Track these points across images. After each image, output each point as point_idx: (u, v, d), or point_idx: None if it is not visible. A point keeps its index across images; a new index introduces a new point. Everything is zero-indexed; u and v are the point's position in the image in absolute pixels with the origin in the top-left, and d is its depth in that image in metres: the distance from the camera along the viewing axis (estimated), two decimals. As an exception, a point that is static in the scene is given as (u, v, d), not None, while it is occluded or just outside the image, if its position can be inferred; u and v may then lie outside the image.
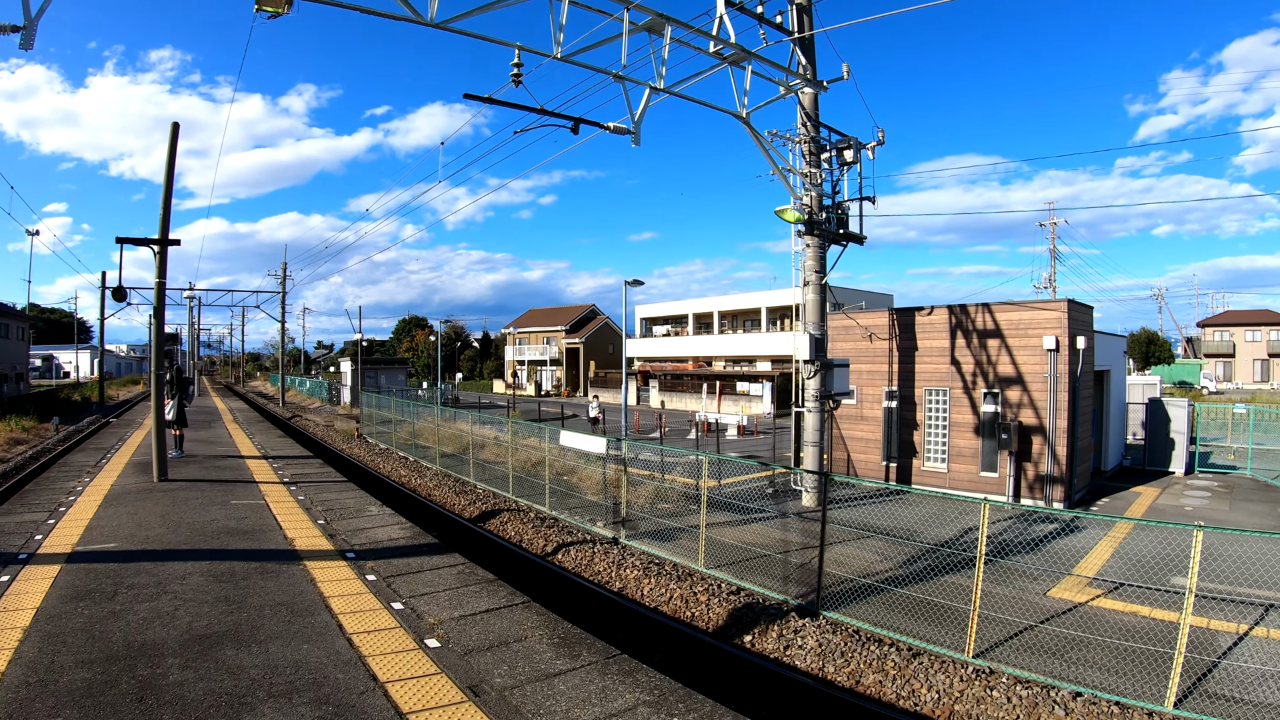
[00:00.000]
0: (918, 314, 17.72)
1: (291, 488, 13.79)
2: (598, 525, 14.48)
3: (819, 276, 16.08)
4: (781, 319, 50.23)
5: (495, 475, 18.97)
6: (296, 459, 17.95)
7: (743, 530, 13.80)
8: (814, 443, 16.08)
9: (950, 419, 17.20)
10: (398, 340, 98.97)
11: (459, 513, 16.65)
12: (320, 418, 41.99)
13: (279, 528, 10.59)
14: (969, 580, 10.84)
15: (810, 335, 15.77)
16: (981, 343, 16.86)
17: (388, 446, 27.14)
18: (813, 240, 16.07)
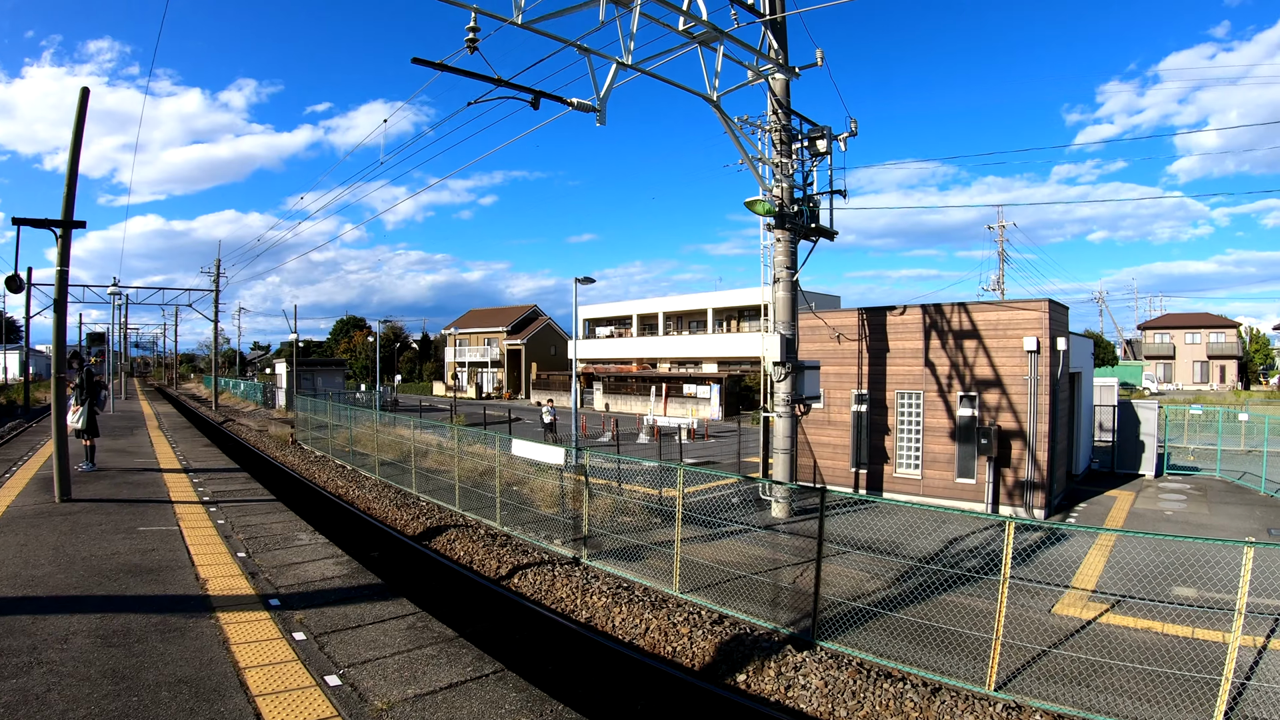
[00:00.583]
0: (889, 314, 16.73)
1: (211, 509, 11.81)
2: (555, 543, 12.99)
3: (790, 273, 14.91)
4: (728, 320, 49.36)
5: (439, 486, 17.28)
6: (221, 472, 15.84)
7: (714, 547, 12.52)
8: (785, 450, 14.90)
9: (924, 423, 16.25)
10: (335, 341, 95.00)
11: (401, 529, 14.95)
12: (254, 422, 39.32)
13: (191, 563, 8.74)
14: (969, 599, 9.93)
15: (781, 335, 14.59)
16: (958, 344, 15.95)
17: (324, 454, 25.00)
18: (784, 234, 14.89)
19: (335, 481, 19.83)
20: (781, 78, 14.96)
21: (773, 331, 14.86)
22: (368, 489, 18.38)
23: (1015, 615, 9.10)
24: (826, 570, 11.43)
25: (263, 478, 19.06)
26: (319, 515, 15.97)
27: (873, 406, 16.75)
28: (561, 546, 12.83)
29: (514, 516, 14.43)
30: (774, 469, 15.16)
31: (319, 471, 21.58)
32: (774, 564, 11.87)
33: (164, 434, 24.10)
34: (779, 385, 14.84)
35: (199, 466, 16.46)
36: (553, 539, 13.17)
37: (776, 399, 14.93)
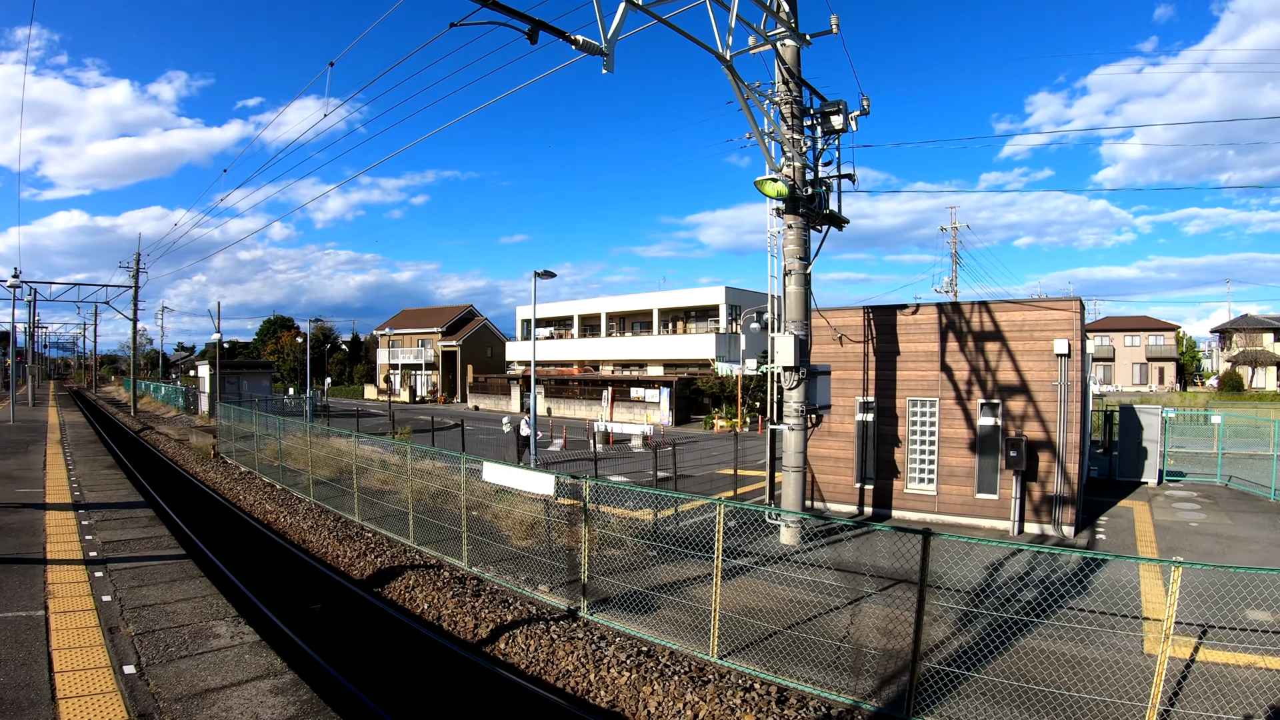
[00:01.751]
0: (900, 313, 14.55)
1: (98, 573, 8.46)
2: (541, 590, 10.22)
3: (803, 264, 12.53)
4: (673, 321, 46.96)
5: (387, 512, 14.27)
6: (121, 508, 12.23)
7: (731, 588, 10.07)
8: (797, 467, 12.51)
9: (940, 434, 14.12)
10: (262, 342, 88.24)
11: (345, 570, 11.89)
12: (174, 430, 34.83)
13: (51, 694, 5.41)
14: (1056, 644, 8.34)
15: (794, 337, 12.17)
16: (978, 346, 13.88)
17: (250, 469, 21.36)
18: (796, 220, 12.50)
19: (263, 505, 16.41)
20: (792, 44, 12.60)
21: (782, 331, 12.42)
22: (301, 514, 15.11)
23: (1111, 660, 7.82)
24: (872, 614, 9.20)
25: (176, 508, 15.59)
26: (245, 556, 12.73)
27: (880, 415, 14.53)
28: (550, 594, 10.08)
29: (480, 552, 11.59)
30: (783, 488, 12.73)
31: (244, 492, 18.04)
32: (810, 609, 9.52)
33: (64, 451, 20.25)
34: (790, 393, 12.43)
35: (95, 499, 13.09)
36: (537, 584, 10.39)
37: (787, 408, 12.53)
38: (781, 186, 11.79)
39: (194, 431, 32.82)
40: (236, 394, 37.82)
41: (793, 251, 12.44)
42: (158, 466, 23.31)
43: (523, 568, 11.02)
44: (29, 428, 27.73)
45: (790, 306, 12.43)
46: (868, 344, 14.59)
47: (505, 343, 59.74)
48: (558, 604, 9.78)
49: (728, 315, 42.33)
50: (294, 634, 8.77)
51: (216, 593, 7.65)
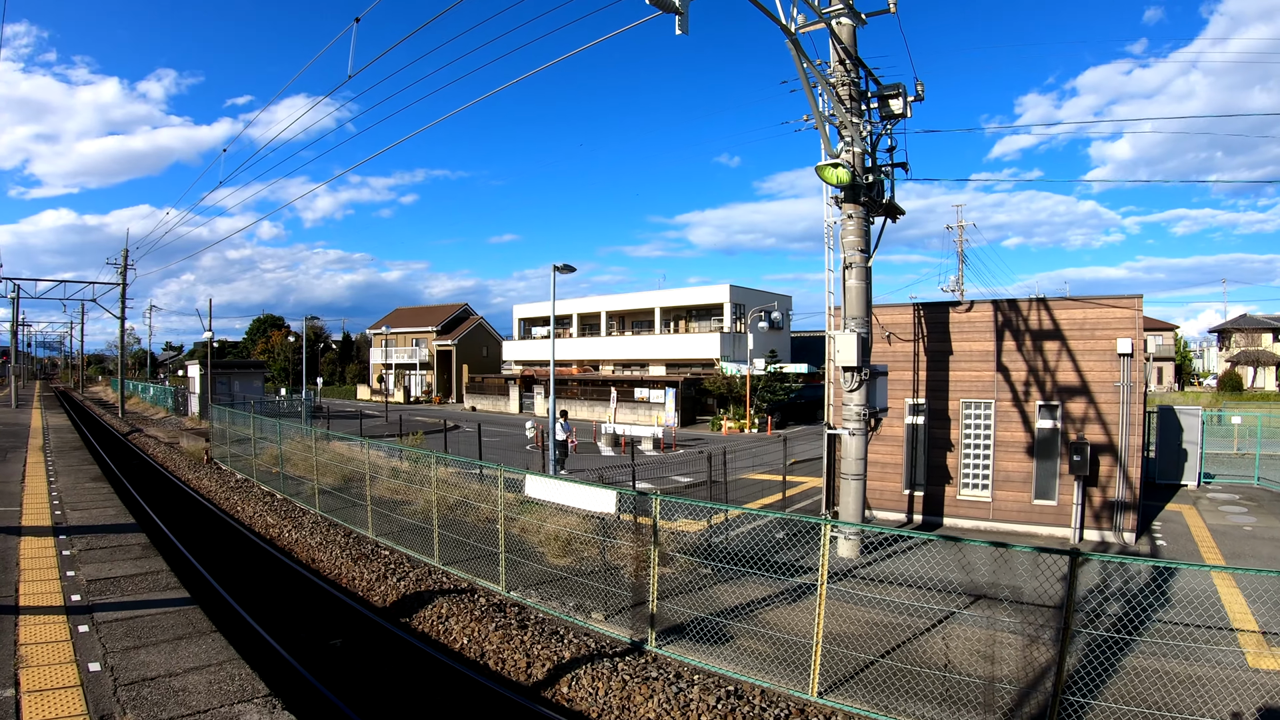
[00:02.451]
0: (952, 310, 13.24)
1: (83, 627, 6.47)
2: (596, 619, 8.73)
3: (864, 257, 11.15)
4: (675, 320, 45.18)
5: (404, 527, 12.75)
6: (109, 532, 10.14)
7: (801, 610, 8.88)
8: (857, 475, 11.15)
9: (996, 437, 12.85)
10: (252, 341, 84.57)
11: (365, 595, 10.29)
12: (163, 433, 32.54)
13: None
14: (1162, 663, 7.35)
15: (857, 335, 10.77)
16: (1036, 346, 12.64)
17: (246, 476, 19.50)
18: (856, 210, 11.12)
19: (264, 518, 14.67)
20: (849, 23, 11.25)
21: (843, 329, 11.02)
22: (307, 529, 13.43)
23: (1220, 678, 6.97)
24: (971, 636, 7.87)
25: (171, 524, 13.73)
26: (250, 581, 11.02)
27: (932, 418, 13.21)
28: (607, 624, 8.59)
29: (518, 574, 9.99)
30: (842, 497, 11.34)
31: (242, 503, 16.25)
32: (895, 632, 8.36)
33: (46, 459, 17.87)
34: (851, 395, 11.05)
35: (79, 520, 10.94)
36: (589, 611, 8.89)
37: (847, 411, 11.16)
38: (844, 173, 10.43)
39: (184, 434, 30.63)
40: (228, 395, 35.57)
41: (853, 243, 11.06)
42: (148, 474, 21.40)
43: (567, 591, 9.53)
44: (9, 432, 25.26)
45: (850, 302, 11.04)
46: (918, 343, 13.26)
47: (501, 342, 57.57)
48: (618, 635, 8.31)
49: (732, 314, 40.72)
50: (322, 685, 7.15)
51: (236, 657, 5.85)
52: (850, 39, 11.27)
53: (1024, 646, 8.00)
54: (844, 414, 11.23)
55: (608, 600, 9.07)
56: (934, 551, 10.97)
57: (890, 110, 11.61)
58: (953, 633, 8.24)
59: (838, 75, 11.18)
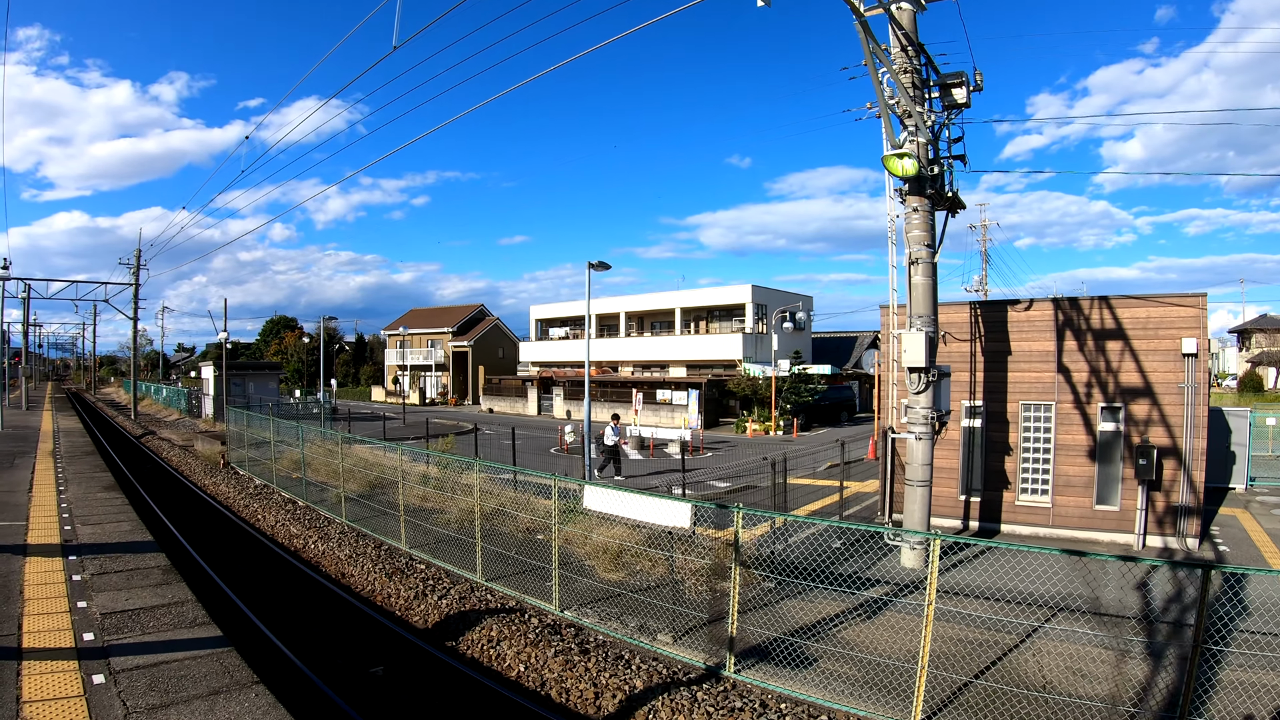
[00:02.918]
0: (1010, 309, 12.34)
1: (98, 677, 5.31)
2: (663, 641, 7.85)
3: (930, 252, 10.28)
4: (695, 321, 43.83)
5: (438, 538, 11.94)
6: (125, 551, 8.98)
7: (879, 626, 8.22)
8: (923, 481, 10.28)
9: (1056, 440, 11.95)
10: (265, 343, 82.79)
11: (403, 615, 9.38)
12: (178, 435, 31.49)
13: None
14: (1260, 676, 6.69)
15: (925, 334, 9.87)
16: (1098, 345, 11.76)
17: (265, 482, 18.59)
18: (921, 203, 10.27)
19: (287, 528, 13.74)
20: (909, 8, 10.42)
21: (909, 328, 10.10)
22: (334, 540, 12.49)
23: None
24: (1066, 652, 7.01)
25: (191, 537, 12.71)
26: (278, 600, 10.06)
27: (989, 421, 12.30)
28: (676, 647, 7.72)
29: (569, 590, 9.04)
30: (906, 504, 10.43)
31: (263, 511, 15.31)
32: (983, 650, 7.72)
33: (56, 465, 16.94)
34: (917, 397, 10.17)
35: (91, 537, 9.78)
36: (654, 633, 7.99)
37: (912, 414, 10.30)
38: (911, 163, 9.58)
39: (199, 437, 29.52)
40: (243, 396, 34.44)
41: (918, 238, 10.17)
42: (163, 480, 20.47)
43: (626, 609, 8.65)
44: (19, 435, 24.21)
45: (917, 299, 10.16)
46: (974, 343, 12.36)
47: (517, 343, 56.24)
48: (689, 659, 7.42)
49: (754, 314, 39.46)
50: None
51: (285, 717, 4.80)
52: (911, 24, 10.41)
53: (1116, 661, 7.33)
54: (909, 417, 10.35)
55: (672, 620, 8.17)
56: (1003, 560, 10.05)
57: (952, 99, 10.78)
58: (1042, 648, 7.55)
59: (899, 62, 10.29)
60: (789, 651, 7.26)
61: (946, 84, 10.74)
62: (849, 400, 38.10)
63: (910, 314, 10.26)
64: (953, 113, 10.85)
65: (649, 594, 9.04)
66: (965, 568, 10.34)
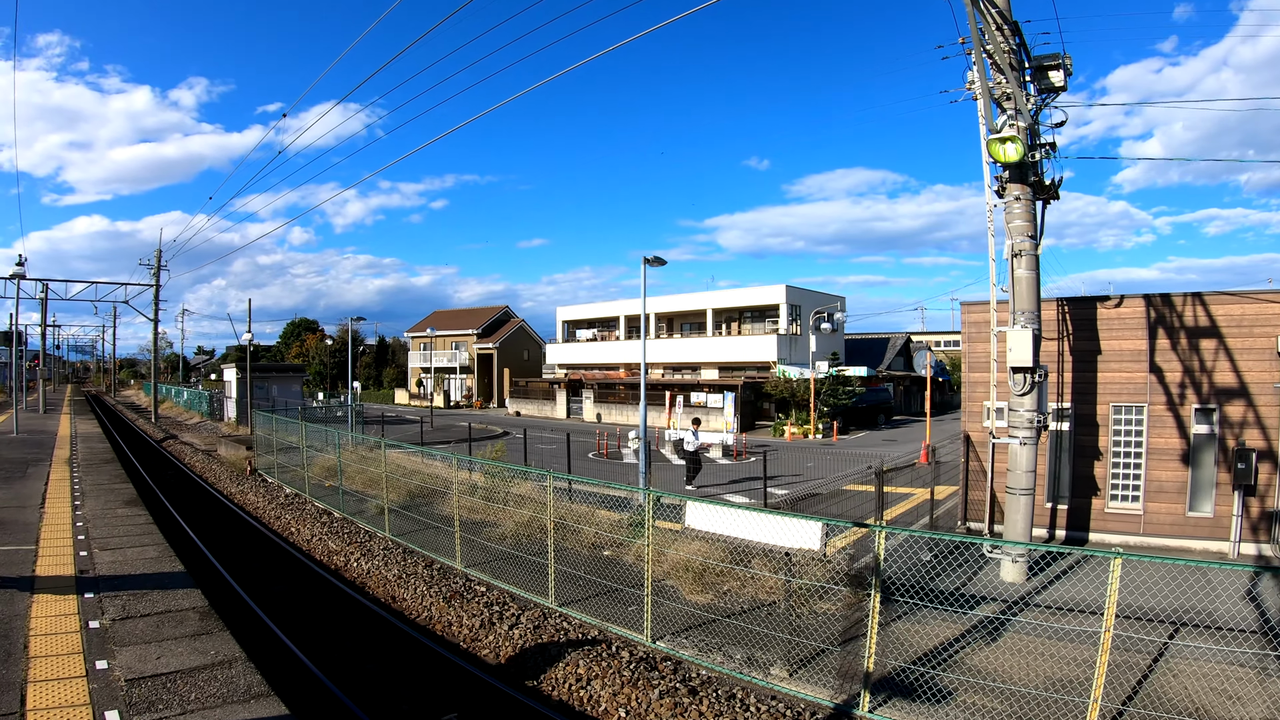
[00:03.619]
0: (1100, 305, 11.22)
1: None
2: (777, 675, 6.82)
3: (1033, 244, 9.12)
4: (727, 322, 42.10)
5: (495, 555, 10.85)
6: (151, 587, 7.35)
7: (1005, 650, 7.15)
8: (1026, 489, 9.20)
9: (1148, 444, 10.80)
10: (285, 345, 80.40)
11: (469, 648, 8.30)
12: (200, 439, 30.11)
13: None
14: None
15: (1032, 332, 8.66)
16: (1192, 344, 10.67)
17: (296, 491, 17.26)
18: (1024, 191, 9.18)
19: (325, 543, 12.56)
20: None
21: (1012, 325, 8.91)
22: (379, 557, 11.29)
23: None
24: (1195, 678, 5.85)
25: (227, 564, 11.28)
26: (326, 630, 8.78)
27: (1078, 424, 11.19)
28: (793, 682, 6.68)
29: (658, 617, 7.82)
30: (1008, 514, 9.27)
31: (296, 523, 14.13)
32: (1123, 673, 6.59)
33: (72, 475, 15.20)
34: (1021, 399, 9.04)
35: (111, 568, 8.10)
36: (767, 666, 6.87)
37: (1015, 418, 9.17)
38: (1015, 149, 8.42)
39: (222, 441, 28.11)
40: (266, 399, 33.07)
41: (1020, 228, 9.04)
42: (187, 489, 19.14)
43: (724, 638, 7.47)
44: (34, 441, 22.22)
45: (1021, 294, 9.04)
46: (1062, 341, 11.20)
47: (542, 345, 54.63)
48: (813, 697, 6.36)
49: (788, 315, 37.83)
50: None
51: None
52: (1005, 3, 9.17)
53: (1259, 681, 6.36)
54: (1012, 420, 9.27)
55: (785, 650, 6.98)
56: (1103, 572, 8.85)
57: (1049, 82, 9.66)
58: (1178, 668, 6.68)
59: (995, 42, 9.09)
60: (920, 684, 6.21)
61: (1042, 66, 9.62)
62: (886, 403, 36.81)
63: (1013, 310, 9.15)
64: (1048, 96, 9.69)
65: (743, 619, 7.88)
66: (1070, 580, 9.27)
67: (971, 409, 11.77)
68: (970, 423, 11.75)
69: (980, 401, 11.60)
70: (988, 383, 11.16)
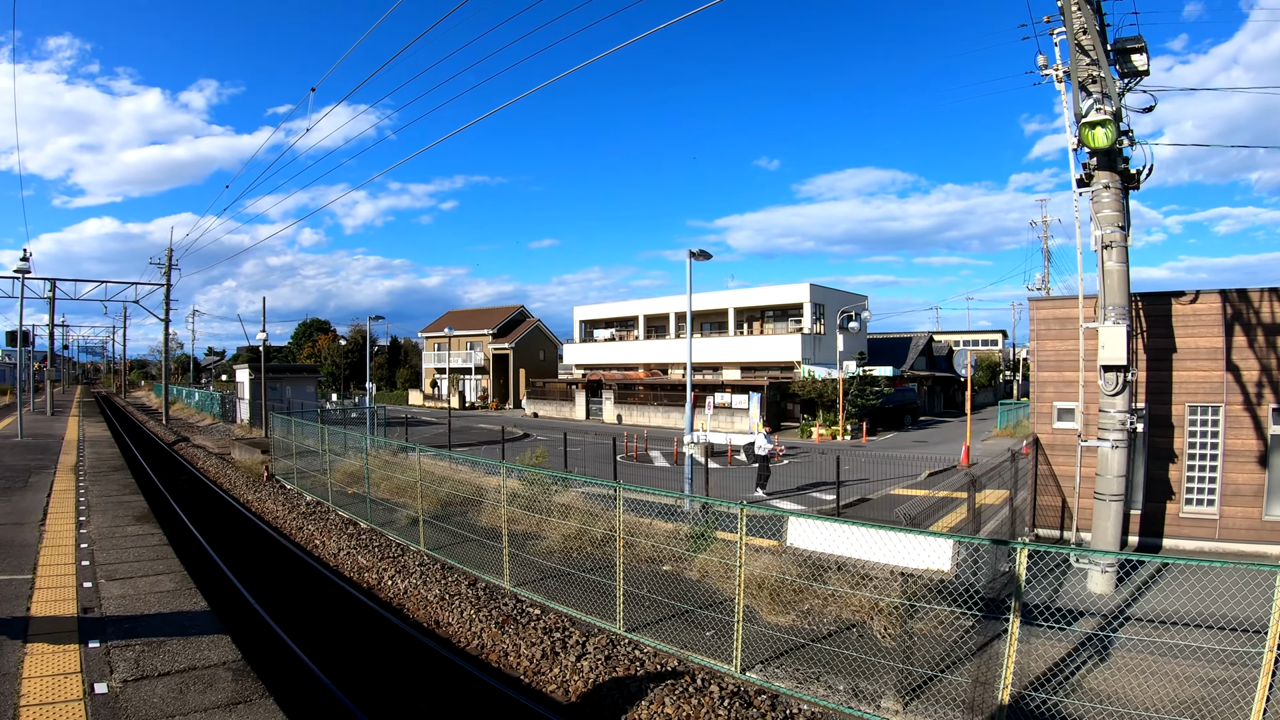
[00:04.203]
0: (1175, 301, 10.43)
1: None
2: (890, 708, 6.24)
3: (1123, 234, 8.30)
4: (749, 321, 40.67)
5: (547, 572, 9.86)
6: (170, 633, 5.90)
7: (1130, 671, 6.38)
8: (1116, 494, 8.48)
9: (1224, 446, 10.02)
10: (297, 345, 78.16)
11: (533, 682, 7.59)
12: (212, 442, 28.96)
13: None
14: None
15: (1125, 328, 7.82)
16: (1269, 341, 9.97)
17: (317, 499, 16.27)
18: (1112, 179, 8.46)
19: (355, 558, 11.59)
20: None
21: (1103, 320, 8.07)
22: (415, 575, 10.47)
23: None
24: None
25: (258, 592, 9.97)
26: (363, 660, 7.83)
27: (1152, 425, 10.40)
28: (907, 715, 5.98)
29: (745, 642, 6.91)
30: (1096, 521, 8.47)
31: (320, 535, 13.26)
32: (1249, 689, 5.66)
33: (78, 485, 13.55)
34: (1112, 399, 8.24)
35: (119, 606, 6.65)
36: (876, 699, 6.19)
37: (1106, 419, 8.39)
38: (1106, 133, 7.60)
39: (236, 444, 26.86)
40: (280, 400, 31.90)
41: (1109, 218, 8.25)
42: (202, 497, 17.94)
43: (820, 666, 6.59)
44: (38, 446, 20.45)
45: (1111, 288, 8.27)
46: (1135, 340, 10.33)
47: (557, 345, 53.65)
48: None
49: (812, 314, 36.57)
50: None
51: None
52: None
53: None
54: (1102, 422, 8.49)
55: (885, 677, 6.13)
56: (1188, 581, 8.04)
57: (1132, 66, 8.82)
58: None
59: (1077, 23, 8.21)
60: (1047, 714, 5.29)
61: (1125, 49, 8.85)
62: (912, 403, 35.91)
63: (1102, 305, 8.36)
64: (1131, 80, 8.85)
65: (832, 642, 7.04)
66: (1159, 591, 8.50)
67: (1041, 410, 11.00)
68: (1040, 424, 10.99)
69: (1050, 402, 10.85)
70: (1057, 382, 10.43)
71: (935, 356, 48.03)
